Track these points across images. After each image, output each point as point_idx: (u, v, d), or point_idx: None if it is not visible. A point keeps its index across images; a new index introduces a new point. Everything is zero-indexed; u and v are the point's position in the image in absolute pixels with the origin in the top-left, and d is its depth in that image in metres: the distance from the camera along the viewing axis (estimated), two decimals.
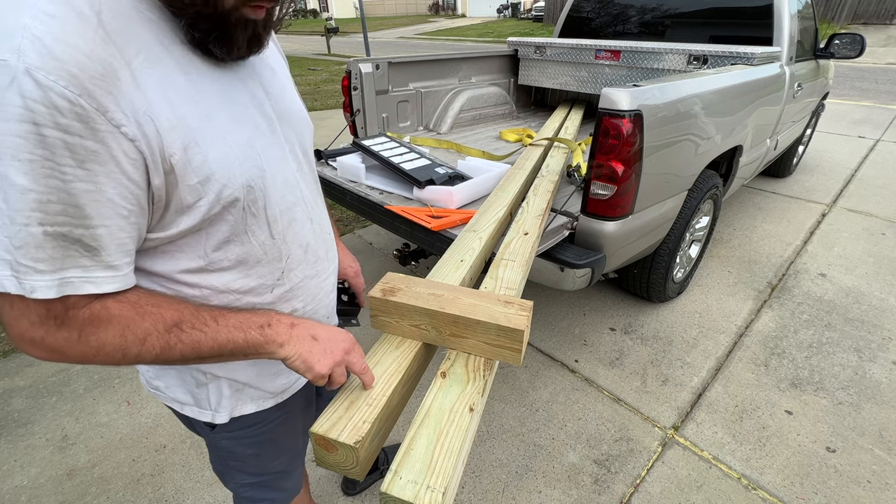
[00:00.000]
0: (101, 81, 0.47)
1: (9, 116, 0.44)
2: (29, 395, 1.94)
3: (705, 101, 1.87)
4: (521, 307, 0.86)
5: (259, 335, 0.65)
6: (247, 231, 0.65)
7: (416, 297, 0.88)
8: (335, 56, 15.69)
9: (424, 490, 0.61)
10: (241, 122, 0.62)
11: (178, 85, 0.55)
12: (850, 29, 14.41)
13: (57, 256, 0.50)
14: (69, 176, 0.47)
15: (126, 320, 0.56)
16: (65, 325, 0.53)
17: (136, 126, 0.50)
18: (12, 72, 0.44)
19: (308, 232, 0.76)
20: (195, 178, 0.56)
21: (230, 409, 0.78)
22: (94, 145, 0.48)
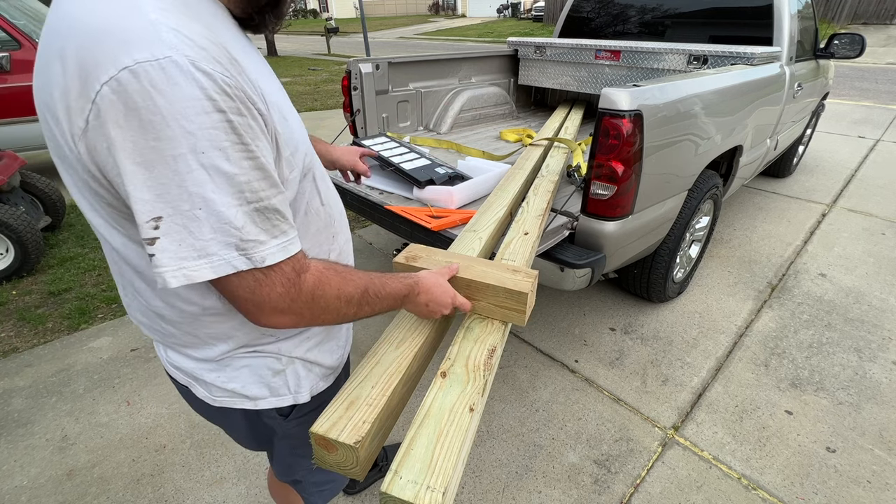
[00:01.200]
0: (232, 65, 0.51)
1: (199, 110, 0.46)
2: (29, 395, 1.94)
3: (705, 102, 1.87)
4: (527, 274, 0.97)
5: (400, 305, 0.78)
6: (308, 201, 0.70)
7: (435, 264, 1.01)
8: (335, 56, 15.68)
9: (424, 490, 0.61)
10: (285, 98, 0.66)
11: (255, 65, 0.58)
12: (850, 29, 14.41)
13: (268, 227, 0.54)
14: (255, 152, 0.51)
15: (337, 282, 0.64)
16: (303, 290, 0.59)
17: (261, 102, 0.54)
18: (182, 67, 0.45)
19: (337, 196, 0.82)
20: (288, 150, 0.60)
21: (310, 388, 0.82)
22: (253, 122, 0.52)
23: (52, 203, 3.24)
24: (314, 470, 0.95)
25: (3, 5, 3.74)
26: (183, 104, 0.46)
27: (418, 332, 0.92)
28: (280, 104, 0.60)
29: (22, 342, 2.26)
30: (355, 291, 0.66)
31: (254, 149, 0.51)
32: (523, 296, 0.92)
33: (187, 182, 0.48)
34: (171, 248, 0.50)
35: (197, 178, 0.48)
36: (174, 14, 0.48)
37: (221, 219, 0.50)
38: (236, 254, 0.52)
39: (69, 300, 2.56)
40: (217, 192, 0.49)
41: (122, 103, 0.45)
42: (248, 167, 0.51)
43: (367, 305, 0.69)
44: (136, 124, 0.45)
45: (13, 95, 3.66)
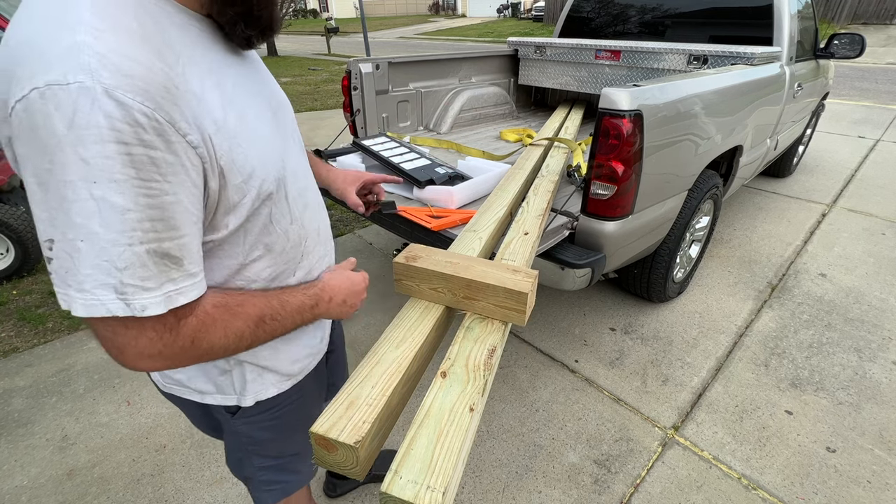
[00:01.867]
0: (167, 94, 0.48)
1: (97, 139, 0.44)
2: (29, 395, 1.94)
3: (705, 101, 1.87)
4: (527, 274, 0.97)
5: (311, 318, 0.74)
6: (273, 221, 0.68)
7: (435, 264, 1.00)
8: (335, 56, 15.69)
9: (424, 490, 0.61)
10: (261, 116, 0.64)
11: (214, 87, 0.56)
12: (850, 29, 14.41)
13: (157, 273, 0.51)
14: (156, 190, 0.48)
15: (224, 321, 0.60)
16: (180, 336, 0.55)
17: (197, 133, 0.51)
18: (91, 93, 0.44)
19: (317, 214, 0.80)
20: (239, 178, 0.58)
21: (255, 394, 0.80)
22: (171, 157, 0.49)
23: None
24: (263, 468, 0.94)
25: (2, 5, 3.74)
26: (82, 131, 0.44)
27: (418, 332, 0.92)
28: (236, 131, 0.57)
29: (22, 342, 2.26)
30: (246, 324, 0.63)
31: (155, 186, 0.48)
32: (523, 296, 0.92)
33: (73, 210, 0.46)
34: (60, 273, 0.48)
35: (84, 209, 0.46)
36: (112, 35, 0.46)
37: (103, 255, 0.47)
38: (114, 296, 0.49)
39: None
40: (103, 226, 0.46)
41: (28, 122, 0.44)
42: (144, 204, 0.47)
43: (266, 332, 0.66)
44: (36, 145, 0.45)
45: None
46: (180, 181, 0.50)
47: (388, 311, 2.44)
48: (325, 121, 6.49)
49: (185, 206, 0.51)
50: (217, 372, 0.77)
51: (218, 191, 0.56)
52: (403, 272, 1.02)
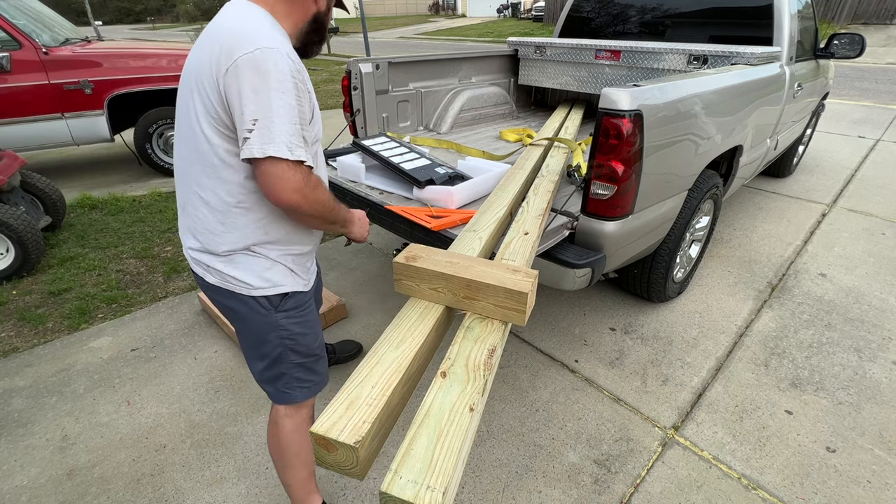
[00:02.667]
0: (300, 63, 0.96)
1: (286, 73, 0.89)
2: (29, 395, 1.94)
3: (705, 101, 1.87)
4: (527, 274, 0.97)
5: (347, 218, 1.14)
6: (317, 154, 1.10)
7: (435, 264, 1.01)
8: (335, 56, 15.68)
9: (424, 490, 0.61)
10: None
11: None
12: (850, 29, 14.40)
13: (302, 143, 0.92)
14: (303, 105, 0.94)
15: (324, 188, 1.01)
16: (310, 182, 0.94)
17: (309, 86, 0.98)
18: (281, 53, 0.90)
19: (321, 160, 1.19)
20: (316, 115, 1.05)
21: (291, 286, 1.12)
22: (304, 91, 0.95)
23: (52, 203, 3.24)
24: (297, 364, 1.19)
25: (3, 5, 3.74)
26: (280, 69, 0.88)
27: (418, 332, 0.92)
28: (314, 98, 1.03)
29: (22, 342, 2.26)
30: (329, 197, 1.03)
31: (303, 103, 0.94)
32: (523, 296, 0.92)
33: (273, 104, 0.88)
34: (258, 138, 0.88)
35: (278, 103, 0.88)
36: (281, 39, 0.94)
37: (284, 128, 0.89)
38: (286, 149, 0.89)
39: (69, 300, 2.56)
40: (285, 112, 0.89)
41: (252, 63, 0.87)
42: (300, 105, 0.92)
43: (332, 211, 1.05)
44: (256, 74, 0.87)
45: (13, 95, 3.66)
46: (307, 104, 0.96)
47: (388, 312, 2.44)
48: (325, 121, 6.49)
49: (307, 116, 0.96)
50: (262, 269, 1.07)
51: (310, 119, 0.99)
52: (403, 272, 1.02)
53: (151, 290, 2.68)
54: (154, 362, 2.12)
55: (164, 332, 2.31)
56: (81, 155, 5.24)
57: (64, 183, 4.31)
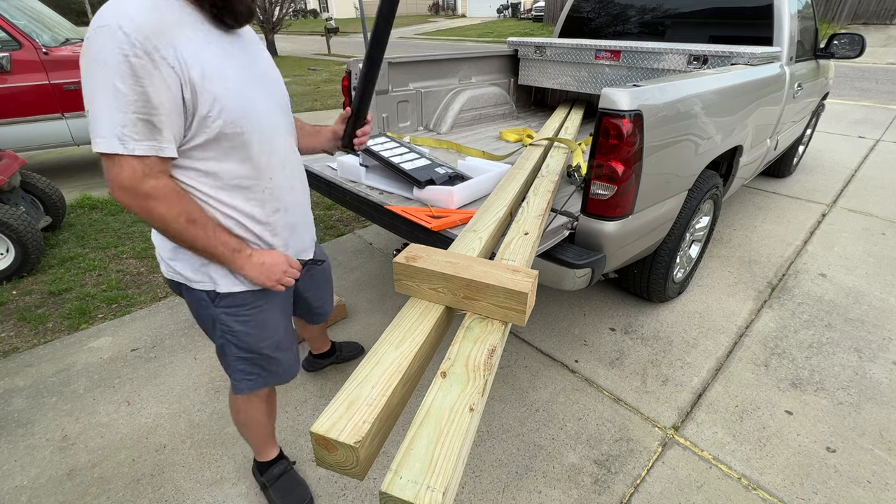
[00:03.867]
0: (157, 33, 0.83)
1: (114, 52, 0.79)
2: (29, 395, 1.94)
3: (705, 102, 1.87)
4: (527, 274, 0.97)
5: (228, 256, 1.02)
6: (245, 146, 1.00)
7: (435, 264, 1.01)
8: (335, 56, 15.68)
9: (424, 490, 0.61)
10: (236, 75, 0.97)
11: (198, 43, 0.90)
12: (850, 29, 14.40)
13: (145, 131, 0.84)
14: (141, 84, 0.82)
15: (172, 198, 0.91)
16: (145, 182, 0.87)
17: (174, 58, 0.84)
18: (113, 28, 0.80)
19: (286, 155, 1.12)
20: (208, 96, 0.90)
21: (227, 286, 1.10)
22: (151, 67, 0.82)
23: (52, 203, 3.24)
24: (239, 358, 1.21)
25: (3, 5, 3.74)
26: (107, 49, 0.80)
27: (418, 332, 0.92)
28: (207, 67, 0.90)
29: (22, 342, 2.26)
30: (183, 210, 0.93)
31: (144, 80, 0.82)
32: (523, 296, 0.92)
33: (97, 90, 0.82)
34: (91, 127, 0.84)
35: (102, 88, 0.81)
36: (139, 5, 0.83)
37: (111, 116, 0.82)
38: (117, 143, 0.83)
39: (69, 300, 2.56)
40: (112, 100, 0.81)
41: (85, 46, 0.82)
42: (136, 90, 0.81)
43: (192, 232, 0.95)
44: (85, 58, 0.82)
45: (13, 95, 3.66)
46: (158, 83, 0.83)
47: (388, 312, 2.44)
48: (325, 121, 6.49)
49: (159, 100, 0.84)
50: (199, 263, 1.06)
51: (192, 100, 0.89)
52: (403, 272, 1.02)
53: (151, 290, 2.68)
54: (154, 362, 2.12)
55: (164, 332, 2.31)
56: (81, 155, 5.24)
57: (64, 183, 4.32)
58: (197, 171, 0.97)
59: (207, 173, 0.98)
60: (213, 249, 0.98)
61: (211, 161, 0.96)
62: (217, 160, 0.97)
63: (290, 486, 1.51)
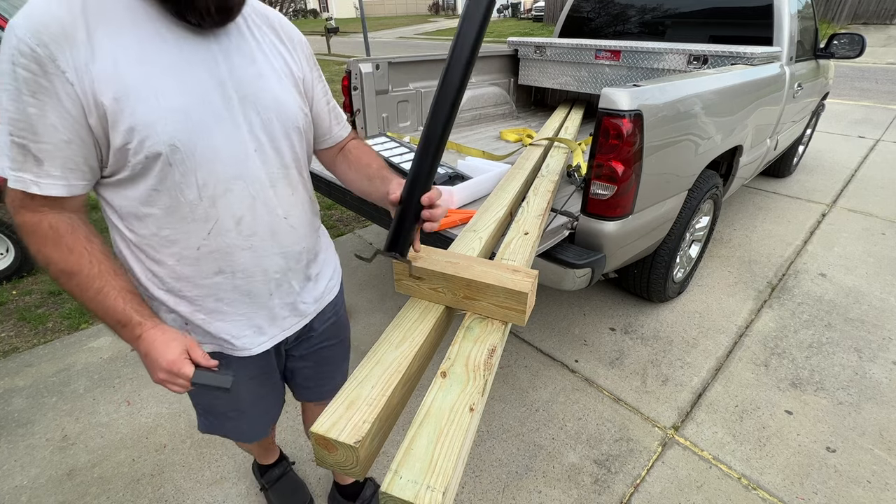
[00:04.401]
0: (58, 38, 0.64)
1: (6, 56, 0.63)
2: (29, 395, 1.94)
3: (705, 101, 1.87)
4: (527, 274, 0.97)
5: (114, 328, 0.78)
6: (176, 187, 0.75)
7: (435, 264, 1.00)
8: (335, 56, 15.68)
9: (424, 490, 0.61)
10: (182, 92, 0.72)
11: (129, 51, 0.68)
12: (850, 29, 14.40)
13: (19, 159, 0.67)
14: (24, 103, 0.64)
15: (44, 241, 0.72)
16: (19, 213, 0.72)
17: (74, 74, 0.65)
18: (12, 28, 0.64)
19: (245, 207, 0.82)
20: (123, 125, 0.69)
21: None
22: (44, 82, 0.64)
23: None
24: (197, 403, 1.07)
25: (2, 5, 3.74)
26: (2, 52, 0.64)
27: (418, 332, 0.92)
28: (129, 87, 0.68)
29: (22, 342, 2.26)
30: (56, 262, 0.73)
31: (27, 98, 0.64)
32: (523, 296, 0.92)
33: None
34: None
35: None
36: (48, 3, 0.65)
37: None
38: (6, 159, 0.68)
39: (69, 300, 2.56)
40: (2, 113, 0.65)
41: None
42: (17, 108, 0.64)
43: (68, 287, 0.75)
44: None
45: None
46: (51, 103, 0.65)
47: (388, 312, 2.44)
48: None
49: (50, 123, 0.66)
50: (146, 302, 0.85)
51: (101, 128, 0.69)
52: (403, 272, 1.02)
53: None
54: None
55: None
56: None
57: None
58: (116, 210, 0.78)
59: (129, 215, 0.78)
60: (96, 314, 0.77)
61: (133, 202, 0.76)
62: (140, 202, 0.76)
63: (290, 488, 1.50)
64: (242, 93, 0.78)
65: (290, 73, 0.88)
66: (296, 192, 0.91)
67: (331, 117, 1.02)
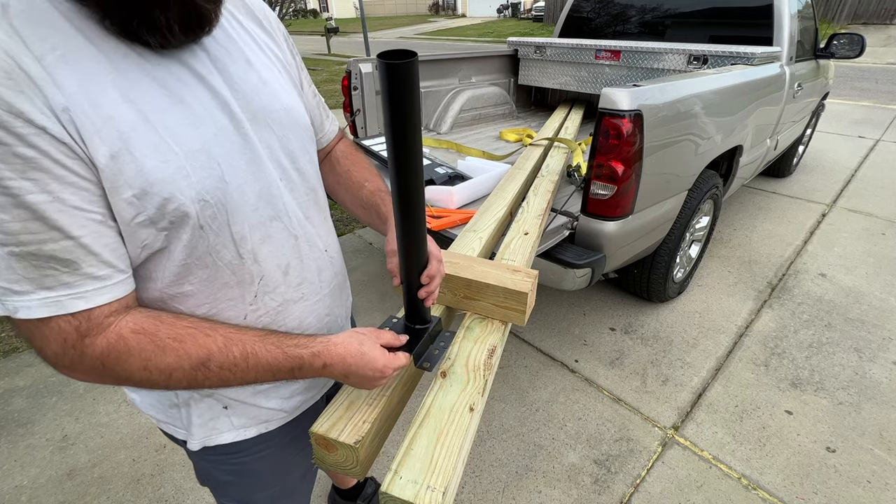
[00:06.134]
0: (8, 80, 0.42)
1: None
2: (29, 395, 1.94)
3: (705, 101, 1.87)
4: (527, 274, 0.97)
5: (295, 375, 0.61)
6: (210, 252, 0.58)
7: None
8: (335, 56, 15.69)
9: (424, 490, 0.61)
10: (194, 124, 0.54)
11: (106, 82, 0.48)
12: (850, 29, 14.41)
13: (33, 276, 0.46)
14: (15, 190, 0.43)
15: (147, 353, 0.52)
16: (86, 356, 0.50)
17: (60, 127, 0.44)
18: None
19: (289, 250, 0.67)
20: (129, 191, 0.49)
21: (202, 439, 0.71)
22: (27, 151, 0.43)
23: None
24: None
25: None
26: None
27: None
28: (126, 135, 0.48)
29: (22, 342, 2.26)
30: (181, 363, 0.53)
31: (13, 184, 0.42)
32: (523, 296, 0.92)
33: None
34: None
35: None
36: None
37: None
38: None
39: None
40: None
41: None
42: (3, 204, 0.43)
43: (211, 379, 0.55)
44: None
45: None
46: (55, 177, 0.44)
47: (388, 312, 2.44)
48: None
49: (69, 205, 0.46)
50: (167, 403, 0.69)
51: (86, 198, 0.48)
52: None
53: None
54: None
55: None
56: None
57: None
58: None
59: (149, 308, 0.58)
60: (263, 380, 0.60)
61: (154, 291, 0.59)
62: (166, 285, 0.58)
63: None
64: (251, 110, 0.60)
65: (284, 66, 0.70)
66: (325, 216, 0.76)
67: (321, 110, 0.85)
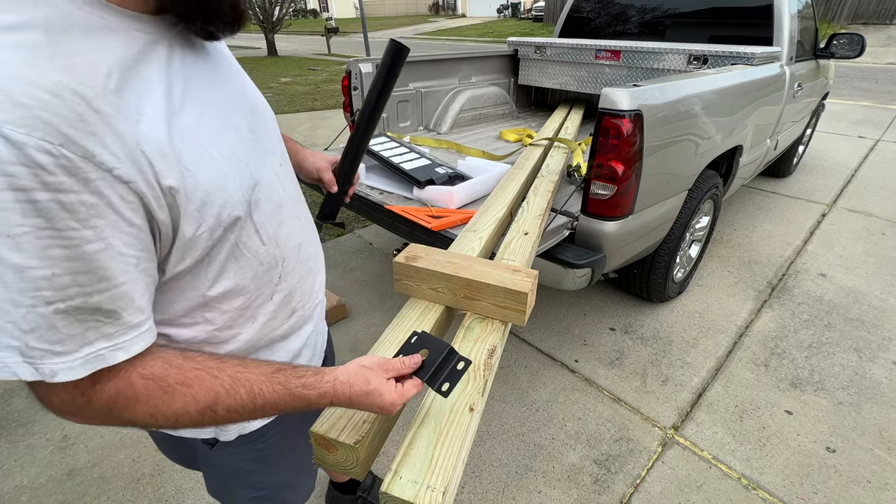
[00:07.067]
0: (80, 122, 0.40)
1: None
2: (29, 395, 1.94)
3: (705, 101, 1.87)
4: (527, 274, 0.97)
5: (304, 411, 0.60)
6: (239, 245, 0.59)
7: (435, 264, 1.01)
8: (335, 56, 15.68)
9: (424, 490, 0.61)
10: (223, 127, 0.55)
11: (158, 98, 0.47)
12: (850, 29, 14.40)
13: (76, 333, 0.44)
14: (76, 240, 0.41)
15: (155, 400, 0.51)
16: (93, 402, 0.48)
17: (130, 164, 0.43)
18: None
19: (297, 230, 0.71)
20: (192, 205, 0.50)
21: (239, 428, 0.74)
22: (90, 198, 0.41)
23: None
24: (252, 498, 0.87)
25: None
26: None
27: None
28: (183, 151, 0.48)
29: None
30: (187, 408, 0.52)
31: (74, 234, 0.40)
32: (523, 296, 0.92)
33: None
34: None
35: None
36: (9, 54, 0.38)
37: (4, 317, 0.41)
38: (20, 359, 0.43)
39: None
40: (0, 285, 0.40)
41: None
42: (55, 257, 0.40)
43: (218, 419, 0.54)
44: None
45: None
46: (109, 223, 0.43)
47: (388, 312, 2.44)
48: (325, 121, 6.49)
49: (117, 251, 0.44)
50: None
51: (171, 222, 0.49)
52: (403, 272, 1.02)
53: None
54: None
55: None
56: None
57: None
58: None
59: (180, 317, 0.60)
60: (267, 416, 0.59)
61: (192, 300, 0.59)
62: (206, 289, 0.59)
63: None
64: (250, 103, 0.63)
65: None
66: (301, 193, 0.79)
67: None
